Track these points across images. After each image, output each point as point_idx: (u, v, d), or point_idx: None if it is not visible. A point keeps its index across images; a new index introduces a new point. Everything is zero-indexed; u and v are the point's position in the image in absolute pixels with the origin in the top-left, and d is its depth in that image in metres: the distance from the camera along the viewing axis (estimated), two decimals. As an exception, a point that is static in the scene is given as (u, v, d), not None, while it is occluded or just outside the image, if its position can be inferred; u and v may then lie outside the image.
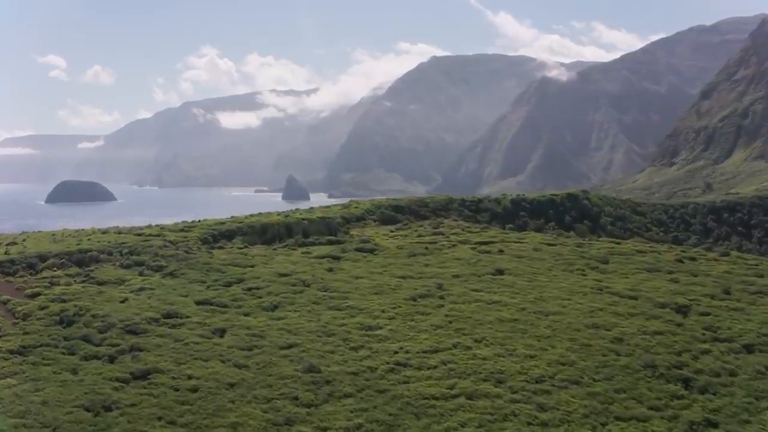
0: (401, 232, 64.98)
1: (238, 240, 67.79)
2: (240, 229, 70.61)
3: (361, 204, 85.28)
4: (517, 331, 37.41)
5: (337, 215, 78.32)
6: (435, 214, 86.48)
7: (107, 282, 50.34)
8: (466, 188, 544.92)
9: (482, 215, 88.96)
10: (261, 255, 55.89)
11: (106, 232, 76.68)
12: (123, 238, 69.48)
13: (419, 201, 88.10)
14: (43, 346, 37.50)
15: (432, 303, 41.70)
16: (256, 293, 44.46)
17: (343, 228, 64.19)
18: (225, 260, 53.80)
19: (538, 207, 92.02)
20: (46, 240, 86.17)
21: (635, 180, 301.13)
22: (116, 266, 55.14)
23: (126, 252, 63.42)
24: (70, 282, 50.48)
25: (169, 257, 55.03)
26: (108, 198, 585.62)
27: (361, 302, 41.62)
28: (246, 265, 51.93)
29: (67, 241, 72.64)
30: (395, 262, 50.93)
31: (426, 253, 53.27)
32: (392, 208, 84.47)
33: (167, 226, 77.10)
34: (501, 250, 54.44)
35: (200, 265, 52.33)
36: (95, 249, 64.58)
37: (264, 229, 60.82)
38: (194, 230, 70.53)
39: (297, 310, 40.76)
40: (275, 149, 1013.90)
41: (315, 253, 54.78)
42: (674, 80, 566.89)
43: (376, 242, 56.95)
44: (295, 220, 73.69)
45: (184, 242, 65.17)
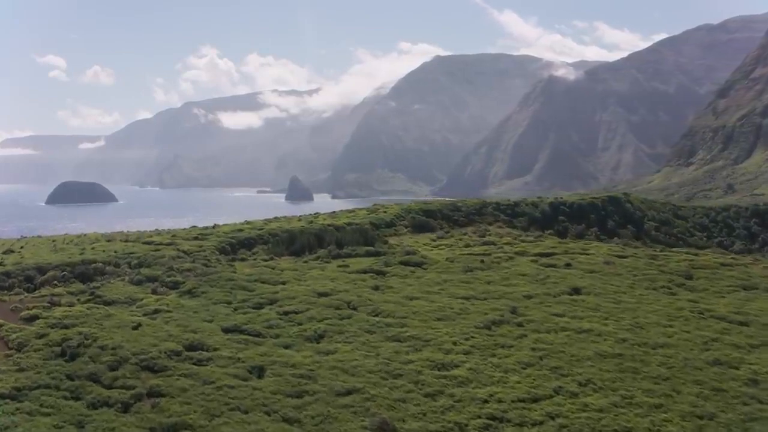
0: (444, 241, 57.85)
1: (261, 250, 60.72)
2: (261, 237, 63.49)
3: (389, 208, 78.15)
4: (627, 371, 30.24)
5: (365, 220, 71.23)
6: (468, 219, 79.60)
7: (116, 302, 43.23)
8: (471, 189, 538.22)
9: (519, 220, 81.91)
10: (291, 269, 48.71)
11: (111, 240, 69.53)
12: (131, 248, 62.35)
13: (451, 205, 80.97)
14: (42, 387, 30.35)
15: (510, 332, 34.55)
16: (295, 318, 37.32)
17: (376, 236, 56.88)
18: (251, 275, 46.65)
19: (578, 211, 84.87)
20: (45, 247, 79.10)
21: (650, 181, 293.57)
22: (125, 282, 48.01)
23: (135, 264, 56.37)
24: (72, 302, 43.37)
25: (185, 272, 47.88)
26: (109, 199, 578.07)
27: (424, 331, 34.48)
28: (276, 282, 44.79)
29: (69, 250, 65.59)
30: (451, 279, 43.76)
31: (483, 267, 46.13)
32: (423, 212, 77.46)
33: (179, 233, 69.98)
34: (568, 264, 47.31)
35: (223, 282, 45.19)
36: (100, 260, 57.62)
37: (291, 238, 53.46)
38: (210, 238, 63.39)
39: (348, 341, 33.62)
40: (277, 150, 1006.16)
41: (354, 267, 47.61)
42: (682, 79, 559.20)
43: (422, 254, 49.73)
44: (320, 226, 66.54)
45: (199, 252, 58.08)
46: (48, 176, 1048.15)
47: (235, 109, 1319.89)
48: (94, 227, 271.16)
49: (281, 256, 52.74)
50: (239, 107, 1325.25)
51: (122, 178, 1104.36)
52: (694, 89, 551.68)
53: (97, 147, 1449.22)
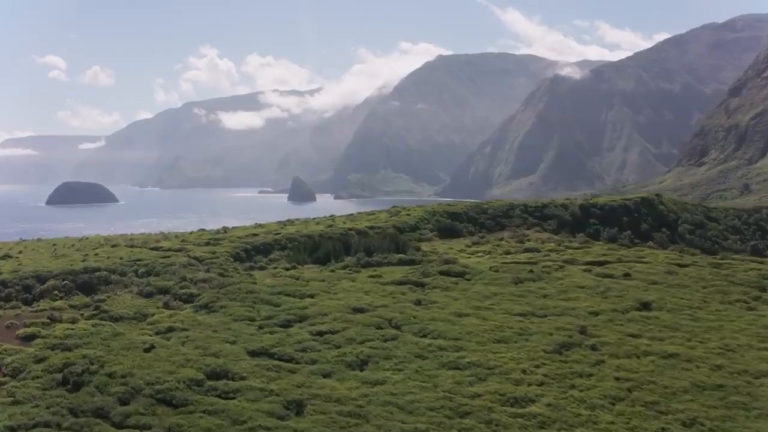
0: (481, 247, 53.11)
1: (280, 257, 55.93)
2: (278, 243, 58.75)
3: (412, 210, 73.44)
4: (735, 407, 25.47)
5: (388, 224, 66.48)
6: (495, 222, 74.94)
7: (123, 317, 38.50)
8: (475, 189, 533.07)
9: (549, 223, 77.21)
10: (317, 279, 43.93)
11: (115, 244, 64.75)
12: (137, 254, 57.66)
13: (476, 207, 76.27)
14: (41, 426, 25.64)
15: (585, 357, 29.77)
16: (331, 339, 32.53)
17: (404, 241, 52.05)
18: (274, 287, 41.86)
19: (610, 213, 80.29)
20: (45, 252, 74.39)
21: (661, 181, 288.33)
22: (133, 294, 43.28)
23: (143, 272, 51.72)
24: (75, 317, 38.68)
25: (200, 282, 43.08)
26: (110, 199, 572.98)
27: (485, 356, 29.69)
28: (304, 295, 40.01)
29: (70, 256, 60.95)
30: (501, 292, 38.96)
31: (534, 278, 41.34)
32: (448, 215, 72.78)
33: (189, 238, 65.23)
34: (627, 274, 42.55)
35: (243, 294, 40.41)
36: (104, 267, 53.09)
37: (315, 244, 48.66)
38: (223, 244, 58.68)
39: (398, 369, 28.82)
40: (278, 150, 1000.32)
41: (388, 278, 42.85)
42: (688, 79, 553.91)
43: (462, 263, 44.93)
44: (341, 230, 61.77)
45: (213, 260, 53.39)
46: (48, 176, 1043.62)
47: (236, 109, 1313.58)
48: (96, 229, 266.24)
49: (304, 264, 47.97)
50: (240, 107, 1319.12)
51: (123, 179, 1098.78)
52: (700, 89, 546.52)
53: (98, 147, 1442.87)
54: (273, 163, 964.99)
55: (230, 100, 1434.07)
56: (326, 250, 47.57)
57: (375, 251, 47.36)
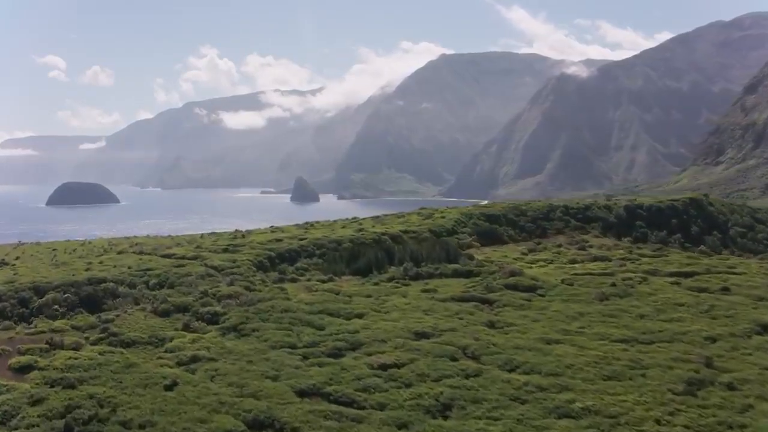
0: (540, 254, 46.95)
1: (306, 264, 49.65)
2: (305, 249, 52.48)
3: (446, 212, 67.21)
4: None
5: (422, 228, 60.24)
6: (536, 225, 68.77)
7: (137, 342, 32.38)
8: (481, 189, 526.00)
9: (592, 225, 71.01)
10: (362, 295, 37.69)
11: (122, 251, 58.45)
12: (147, 262, 51.43)
13: (515, 209, 70.04)
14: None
15: (727, 399, 23.55)
16: (397, 375, 26.30)
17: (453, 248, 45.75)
18: (312, 304, 35.62)
19: (657, 215, 74.09)
20: (44, 258, 68.16)
21: (677, 180, 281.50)
22: (146, 311, 37.04)
23: (154, 284, 45.55)
24: (79, 341, 32.52)
25: (225, 299, 36.82)
26: (111, 200, 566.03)
27: (599, 398, 23.45)
28: (350, 315, 33.78)
29: (72, 264, 54.72)
30: (587, 311, 32.71)
31: (619, 293, 35.08)
32: (485, 217, 66.54)
33: (203, 243, 58.96)
34: (725, 288, 36.43)
35: (277, 313, 34.18)
36: (111, 278, 46.93)
37: (354, 252, 42.41)
38: (243, 250, 52.38)
39: (493, 417, 22.59)
40: (280, 150, 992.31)
41: (445, 292, 36.64)
42: (696, 77, 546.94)
43: (529, 275, 38.65)
44: (373, 235, 55.46)
45: (233, 269, 47.16)
46: (48, 177, 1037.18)
47: (237, 109, 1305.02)
48: (98, 230, 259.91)
49: (341, 275, 41.73)
50: (241, 107, 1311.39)
51: (123, 179, 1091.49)
52: (708, 87, 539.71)
53: (98, 147, 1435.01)
54: (274, 163, 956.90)
55: (231, 100, 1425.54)
56: (367, 259, 41.27)
57: (423, 260, 41.06)
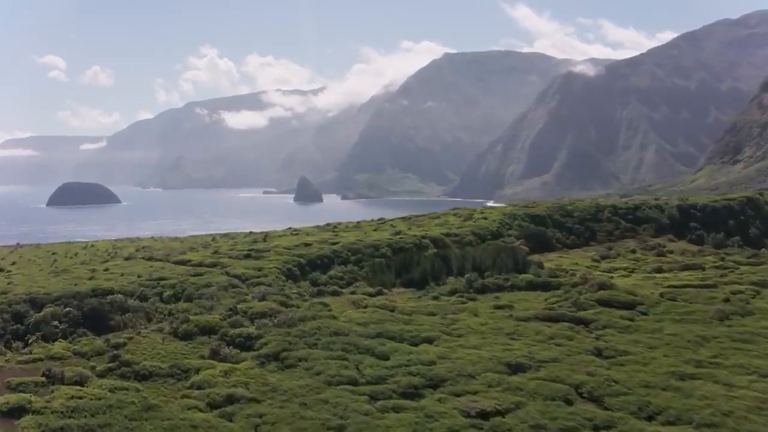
0: (617, 262, 40.67)
1: (341, 272, 43.45)
2: (338, 255, 46.23)
3: (489, 213, 60.89)
4: None
5: (465, 230, 53.99)
6: (584, 226, 62.63)
7: (155, 375, 26.18)
8: (486, 189, 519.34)
9: (644, 227, 64.80)
10: (423, 312, 31.39)
11: (130, 257, 52.17)
12: (159, 270, 45.20)
13: (560, 209, 63.81)
14: None
15: None
16: (504, 426, 19.96)
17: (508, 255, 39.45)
18: (367, 324, 29.32)
19: (713, 215, 67.83)
20: (44, 264, 62.07)
21: (693, 180, 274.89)
22: (164, 333, 30.67)
23: (169, 296, 39.43)
24: (84, 373, 26.23)
25: (258, 317, 30.52)
26: (112, 200, 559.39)
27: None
28: (416, 338, 27.48)
29: (74, 271, 48.45)
30: (712, 335, 26.47)
31: (738, 311, 28.82)
32: (530, 218, 60.34)
33: (220, 248, 52.67)
34: None
35: (326, 337, 27.88)
36: (118, 289, 40.80)
37: (406, 260, 36.11)
38: (268, 256, 46.13)
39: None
40: (282, 150, 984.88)
41: (525, 309, 30.39)
42: (703, 75, 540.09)
43: (619, 287, 32.35)
44: (414, 238, 49.16)
45: (259, 278, 40.99)
46: (49, 177, 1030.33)
47: (238, 108, 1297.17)
48: (99, 231, 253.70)
49: (391, 286, 35.42)
50: (243, 107, 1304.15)
51: (124, 179, 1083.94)
52: (716, 86, 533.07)
53: (99, 147, 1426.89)
54: (276, 163, 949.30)
55: (232, 100, 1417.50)
56: (422, 268, 34.94)
57: (486, 269, 34.79)
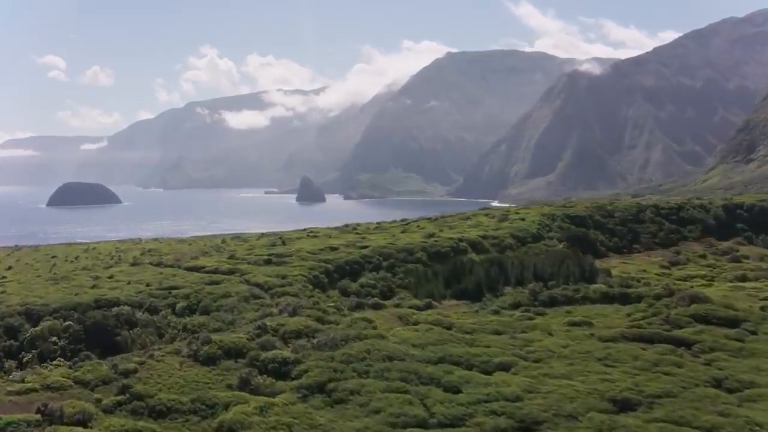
0: (690, 268, 35.84)
1: (374, 279, 38.78)
2: (368, 260, 41.57)
3: (525, 214, 56.11)
4: None
5: (503, 231, 49.29)
6: (626, 228, 57.96)
7: (173, 410, 21.53)
8: (490, 189, 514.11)
9: (689, 228, 60.09)
10: (486, 330, 26.69)
11: (138, 262, 47.39)
12: (170, 277, 40.61)
13: (600, 209, 59.11)
14: None
15: None
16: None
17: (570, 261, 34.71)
18: (424, 346, 24.58)
19: (761, 215, 63.05)
20: (42, 269, 57.37)
21: (705, 179, 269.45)
22: (183, 356, 25.93)
23: (183, 308, 34.91)
24: (87, 409, 21.53)
25: (293, 338, 25.82)
26: (113, 200, 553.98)
27: None
28: (489, 365, 22.71)
29: (75, 278, 43.90)
30: None
31: None
32: (570, 219, 55.63)
33: (236, 252, 47.86)
34: None
35: (378, 363, 23.17)
36: (125, 300, 36.31)
37: (457, 267, 31.41)
38: (291, 262, 41.42)
39: None
40: (283, 150, 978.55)
41: (606, 326, 25.58)
42: (710, 74, 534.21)
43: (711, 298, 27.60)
44: (451, 242, 44.40)
45: (284, 287, 36.38)
46: (49, 177, 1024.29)
47: (239, 108, 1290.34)
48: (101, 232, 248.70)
49: (441, 297, 30.72)
50: (244, 106, 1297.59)
51: (125, 179, 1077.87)
52: (722, 84, 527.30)
53: (99, 148, 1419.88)
54: (278, 163, 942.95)
55: (234, 100, 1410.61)
56: (476, 276, 30.25)
57: (551, 278, 30.08)
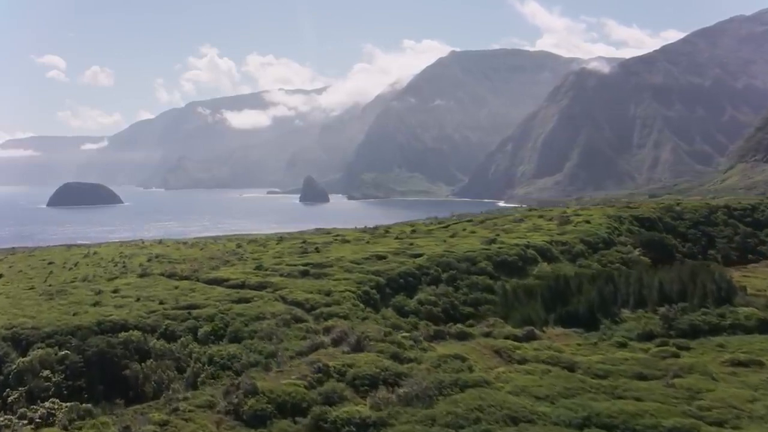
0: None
1: (434, 294, 32.00)
2: (425, 271, 34.79)
3: (589, 215, 49.19)
4: None
5: (572, 236, 42.48)
6: (698, 230, 51.11)
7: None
8: (496, 189, 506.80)
9: (765, 231, 53.22)
10: (627, 373, 19.76)
11: (145, 273, 40.40)
12: (188, 293, 33.88)
13: (668, 210, 52.18)
14: None
15: None
16: None
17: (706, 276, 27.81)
18: (551, 399, 17.76)
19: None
20: (37, 278, 50.29)
21: (724, 179, 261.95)
22: (218, 413, 18.99)
23: (207, 334, 28.13)
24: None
25: (368, 385, 19.06)
26: (113, 201, 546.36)
27: None
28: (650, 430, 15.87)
29: (74, 292, 37.02)
30: None
31: None
32: (638, 222, 48.78)
33: (264, 261, 40.91)
34: None
35: (497, 426, 16.42)
36: (134, 322, 29.52)
37: (561, 285, 24.54)
38: (332, 274, 34.56)
39: None
40: (286, 150, 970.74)
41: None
42: (719, 73, 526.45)
43: None
44: (514, 248, 37.52)
45: (330, 305, 29.63)
46: (50, 178, 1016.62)
47: (241, 108, 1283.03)
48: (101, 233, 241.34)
49: (543, 323, 23.86)
50: (245, 106, 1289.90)
51: (125, 180, 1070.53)
52: (731, 83, 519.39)
53: (100, 148, 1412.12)
54: (280, 163, 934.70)
55: (235, 99, 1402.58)
56: (587, 296, 23.47)
57: (680, 298, 23.26)
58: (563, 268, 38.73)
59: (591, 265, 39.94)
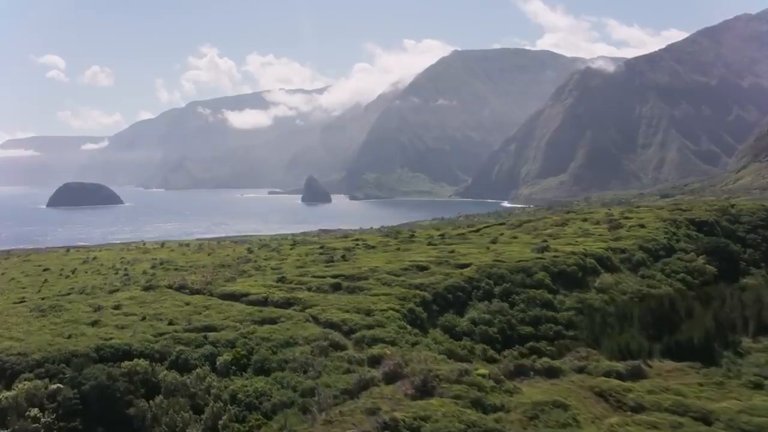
0: None
1: (483, 312, 27.43)
2: (475, 284, 30.17)
3: (641, 218, 44.55)
4: None
5: (630, 243, 37.88)
6: (757, 234, 46.39)
7: None
8: (500, 189, 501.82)
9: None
10: None
11: (151, 286, 35.73)
12: (202, 311, 29.29)
13: (723, 212, 47.39)
14: None
15: None
16: None
17: None
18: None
19: None
20: (29, 288, 45.91)
21: (737, 179, 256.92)
22: None
23: (227, 363, 23.53)
24: None
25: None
26: (114, 201, 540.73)
27: None
28: None
29: (71, 309, 32.38)
30: None
31: None
32: (695, 226, 44.10)
33: (287, 272, 36.17)
34: None
35: None
36: (139, 347, 24.76)
37: (661, 308, 19.88)
38: (369, 288, 29.92)
39: None
40: (287, 149, 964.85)
41: None
42: (724, 72, 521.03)
43: None
44: (571, 257, 32.98)
45: (374, 328, 25.07)
46: (50, 178, 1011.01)
47: (242, 107, 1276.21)
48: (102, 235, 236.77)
49: (645, 355, 19.20)
50: (246, 106, 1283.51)
51: (126, 180, 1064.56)
52: (737, 82, 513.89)
53: (101, 148, 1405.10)
54: (281, 162, 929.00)
55: (236, 99, 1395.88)
56: (700, 321, 18.83)
57: None
58: (626, 279, 34.15)
59: (655, 275, 35.43)
